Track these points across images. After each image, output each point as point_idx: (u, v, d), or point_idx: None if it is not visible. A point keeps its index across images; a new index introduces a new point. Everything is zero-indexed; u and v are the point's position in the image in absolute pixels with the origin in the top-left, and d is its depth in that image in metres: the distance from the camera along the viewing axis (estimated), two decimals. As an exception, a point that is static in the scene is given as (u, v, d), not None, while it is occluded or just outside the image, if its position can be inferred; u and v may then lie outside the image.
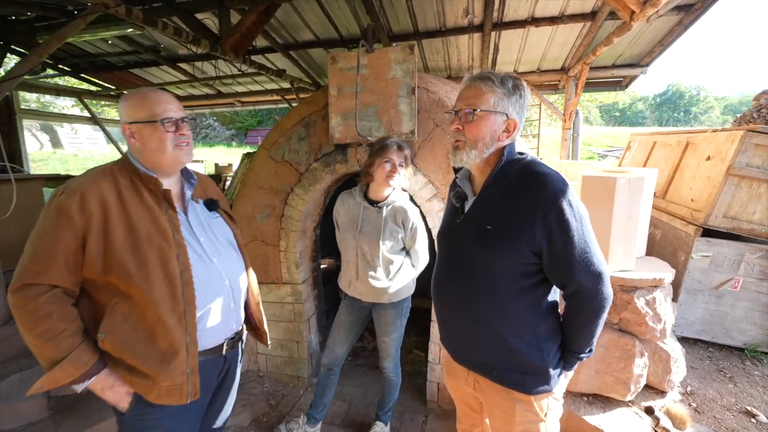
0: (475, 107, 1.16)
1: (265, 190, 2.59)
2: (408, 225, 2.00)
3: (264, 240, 2.66)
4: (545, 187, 1.09)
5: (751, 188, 2.32)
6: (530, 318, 1.19)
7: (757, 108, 6.52)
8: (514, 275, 1.16)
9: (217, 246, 1.36)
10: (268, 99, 7.43)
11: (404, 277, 2.08)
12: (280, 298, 2.72)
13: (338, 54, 2.29)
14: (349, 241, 2.03)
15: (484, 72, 1.20)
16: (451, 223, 1.34)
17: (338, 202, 2.10)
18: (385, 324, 2.12)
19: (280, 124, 2.55)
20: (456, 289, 1.26)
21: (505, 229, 1.13)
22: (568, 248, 1.08)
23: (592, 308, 1.14)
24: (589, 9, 4.28)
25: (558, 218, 1.07)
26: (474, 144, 1.19)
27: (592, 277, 1.10)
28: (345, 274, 2.11)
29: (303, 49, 5.04)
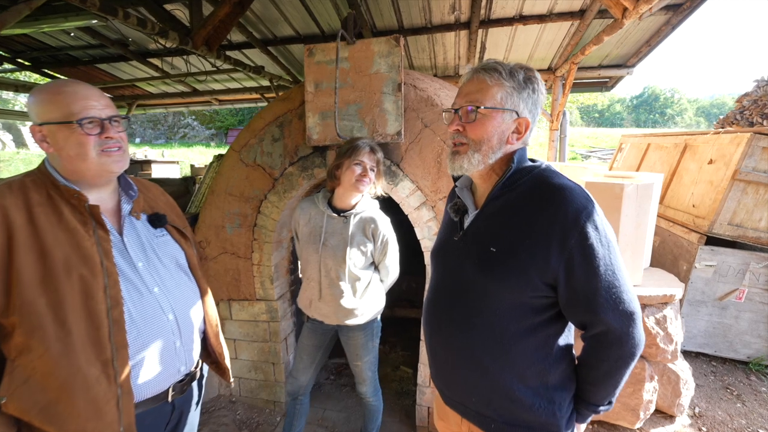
0: (478, 104, 0.96)
1: (236, 197, 2.33)
2: (378, 237, 1.78)
3: (235, 252, 2.40)
4: (565, 203, 0.88)
5: (757, 194, 2.20)
6: (540, 363, 0.98)
7: (740, 109, 6.61)
8: (522, 310, 0.95)
9: (160, 272, 1.11)
10: (247, 97, 7.11)
11: (373, 295, 1.86)
12: (253, 316, 2.47)
13: (315, 46, 2.06)
14: (310, 255, 1.78)
15: (490, 62, 0.98)
16: (447, 239, 1.13)
17: (297, 211, 1.85)
18: (355, 348, 1.90)
19: (251, 123, 2.30)
20: (451, 321, 1.05)
21: (512, 253, 0.92)
22: (592, 281, 0.87)
23: (621, 355, 0.93)
24: (578, 7, 4.17)
25: (580, 243, 0.86)
26: (478, 147, 0.98)
27: (622, 317, 0.89)
28: (306, 292, 1.86)
29: (282, 45, 4.77)
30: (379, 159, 1.71)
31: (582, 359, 1.00)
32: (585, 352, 0.99)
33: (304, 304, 1.89)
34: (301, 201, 1.87)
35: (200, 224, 2.42)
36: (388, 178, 2.08)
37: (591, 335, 0.94)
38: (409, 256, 3.15)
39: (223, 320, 2.51)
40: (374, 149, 1.71)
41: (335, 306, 1.77)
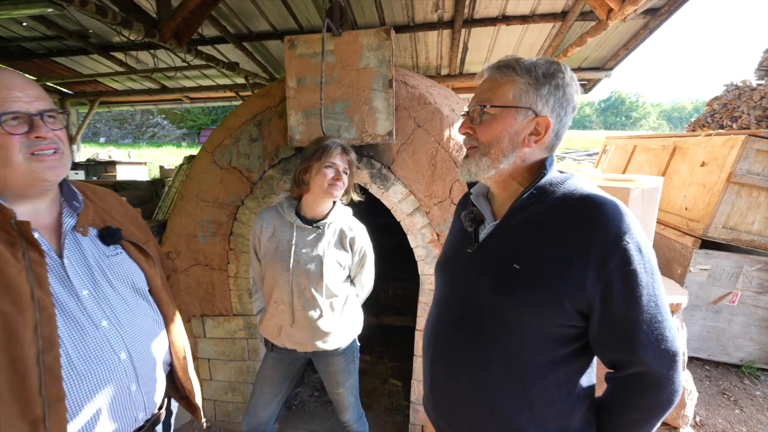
0: (487, 103, 0.86)
1: (209, 203, 2.11)
2: (356, 248, 1.60)
3: (209, 264, 2.17)
4: (606, 220, 0.75)
5: (750, 197, 2.19)
6: (561, 402, 0.84)
7: (710, 113, 6.86)
8: (546, 340, 0.82)
9: (111, 300, 0.91)
10: (221, 95, 6.79)
11: (352, 313, 1.68)
12: (230, 333, 2.25)
13: (297, 37, 1.87)
14: (279, 274, 1.53)
15: (506, 58, 0.87)
16: (458, 252, 0.99)
17: (258, 224, 1.59)
18: (335, 374, 1.68)
19: (226, 122, 2.09)
20: (460, 348, 0.91)
21: (540, 272, 0.79)
22: (632, 312, 0.75)
23: (657, 403, 0.79)
24: (560, 8, 4.15)
25: (622, 268, 0.74)
26: (486, 149, 0.87)
27: (663, 357, 0.76)
28: (273, 318, 1.59)
29: (258, 41, 4.53)
30: (351, 160, 1.52)
31: (606, 403, 0.86)
32: (611, 395, 0.85)
33: (271, 332, 1.62)
34: (260, 213, 1.61)
35: (169, 233, 2.18)
36: (379, 181, 1.92)
37: (623, 376, 0.81)
38: (392, 262, 3.01)
39: (196, 338, 2.28)
40: (346, 149, 1.52)
41: (311, 330, 1.55)
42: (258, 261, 1.64)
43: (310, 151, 1.50)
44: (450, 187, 1.87)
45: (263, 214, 1.60)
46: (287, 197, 1.61)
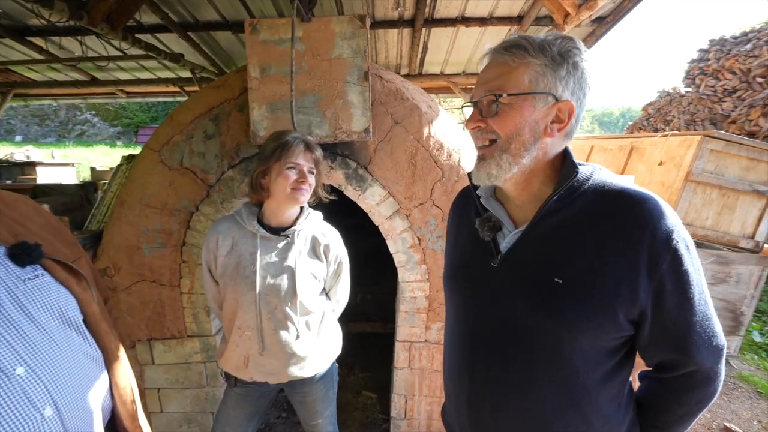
0: (500, 91, 0.73)
1: (156, 209, 1.82)
2: (331, 257, 1.42)
3: (157, 280, 1.88)
4: (652, 218, 0.67)
5: (705, 194, 2.34)
6: (614, 416, 0.77)
7: (646, 117, 7.50)
8: (598, 355, 0.74)
9: (30, 338, 0.68)
10: (163, 90, 6.21)
11: (330, 331, 1.48)
12: (184, 357, 1.97)
13: (260, 21, 1.67)
14: (243, 295, 1.30)
15: (514, 37, 0.75)
16: (477, 265, 0.85)
17: (212, 237, 1.34)
18: (312, 404, 1.48)
19: (175, 116, 1.82)
20: (504, 378, 0.79)
21: (587, 285, 0.70)
22: (686, 314, 0.69)
23: (704, 397, 0.77)
24: (516, 12, 4.25)
25: (674, 268, 0.67)
26: (505, 145, 0.75)
27: (713, 354, 0.73)
28: (237, 349, 1.35)
29: (205, 31, 4.16)
30: (317, 158, 1.32)
31: (650, 401, 0.82)
32: (656, 394, 0.81)
33: (236, 364, 1.37)
34: (214, 224, 1.37)
35: (106, 245, 1.86)
36: (355, 182, 1.76)
37: (672, 376, 0.76)
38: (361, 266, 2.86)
39: (142, 366, 1.97)
40: (310, 145, 1.30)
41: (285, 357, 1.34)
42: (214, 282, 1.39)
43: (268, 150, 1.27)
44: (431, 187, 1.76)
45: (218, 225, 1.36)
46: (246, 204, 1.38)
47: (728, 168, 2.40)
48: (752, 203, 2.46)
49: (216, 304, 1.44)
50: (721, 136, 2.36)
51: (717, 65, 7.17)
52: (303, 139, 1.29)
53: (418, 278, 1.83)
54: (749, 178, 2.44)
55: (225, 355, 1.39)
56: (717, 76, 7.16)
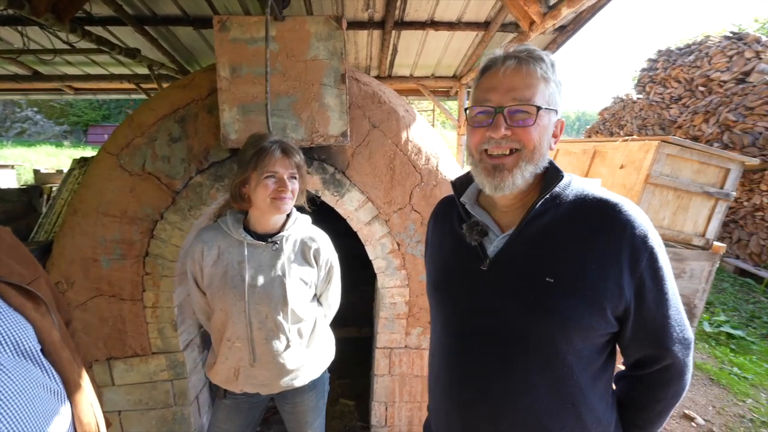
0: (535, 103, 0.74)
1: (114, 217, 1.68)
2: (322, 261, 1.38)
3: (116, 294, 1.74)
4: (631, 220, 0.73)
5: (662, 195, 2.49)
6: (604, 416, 0.80)
7: (602, 121, 7.94)
8: (589, 353, 0.76)
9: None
10: (116, 87, 5.82)
11: (322, 338, 1.45)
12: (148, 376, 1.83)
13: (230, 18, 1.58)
14: (232, 305, 1.26)
15: (532, 48, 0.77)
16: (464, 270, 0.86)
17: (198, 247, 1.29)
18: (303, 414, 1.44)
19: (136, 117, 1.69)
20: (501, 384, 0.79)
21: (578, 283, 0.73)
22: (663, 308, 0.74)
23: (677, 390, 0.81)
24: (483, 18, 4.35)
25: (651, 266, 0.72)
26: (531, 156, 0.77)
27: (685, 346, 0.78)
28: (227, 361, 1.31)
29: (164, 26, 3.93)
30: (298, 162, 1.26)
31: (629, 401, 0.85)
32: (634, 392, 0.84)
33: (226, 377, 1.32)
34: (198, 234, 1.31)
35: (56, 258, 1.69)
36: (333, 188, 1.71)
37: (648, 373, 0.80)
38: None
39: (101, 387, 1.81)
40: (288, 150, 1.23)
41: (277, 367, 1.30)
42: (201, 293, 1.34)
43: (245, 158, 1.22)
44: (410, 192, 1.75)
45: (202, 234, 1.30)
46: (230, 211, 1.32)
47: (682, 171, 2.59)
48: (703, 204, 2.66)
49: (204, 315, 1.39)
50: (675, 142, 2.54)
51: (664, 74, 7.73)
52: (280, 144, 1.23)
53: (398, 284, 1.81)
54: (700, 180, 2.64)
55: (214, 368, 1.34)
56: (664, 84, 7.72)
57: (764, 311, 4.40)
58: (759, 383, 3.00)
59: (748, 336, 3.79)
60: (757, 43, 6.64)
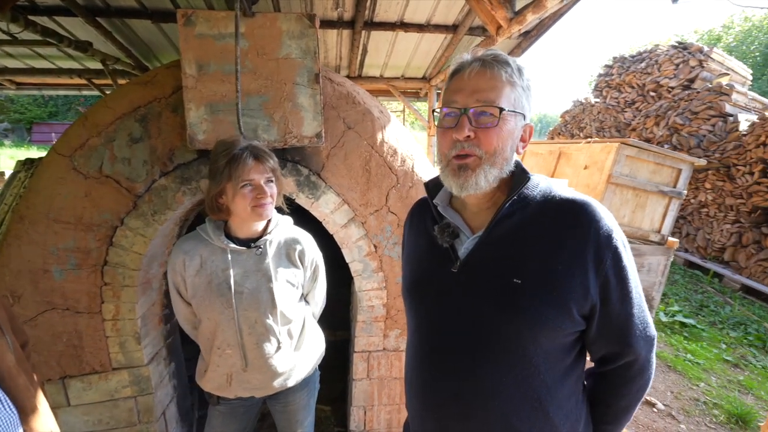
0: (498, 105, 0.75)
1: (68, 224, 1.55)
2: (307, 261, 1.39)
3: (70, 307, 1.61)
4: (595, 220, 0.75)
5: (622, 194, 2.63)
6: (573, 413, 0.82)
7: (564, 123, 8.29)
8: (556, 352, 0.78)
9: None
10: (65, 82, 5.43)
11: (312, 337, 1.47)
12: (109, 394, 1.71)
13: (195, 12, 1.50)
14: (220, 313, 1.25)
15: (498, 53, 0.78)
16: (436, 272, 0.87)
17: (179, 258, 1.27)
18: (294, 414, 1.46)
19: (91, 116, 1.57)
20: (472, 385, 0.80)
21: (544, 283, 0.74)
22: (627, 306, 0.77)
23: (642, 385, 0.84)
24: (452, 22, 4.42)
25: (615, 265, 0.75)
26: (493, 159, 0.77)
27: (647, 342, 0.80)
28: (219, 369, 1.31)
29: (119, 18, 3.69)
30: (273, 166, 1.23)
31: (597, 398, 0.88)
32: (600, 389, 0.87)
33: (218, 384, 1.32)
34: (178, 244, 1.29)
35: (0, 270, 1.54)
36: (307, 190, 1.67)
37: (612, 369, 0.83)
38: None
39: (55, 409, 1.66)
40: (261, 155, 1.20)
41: (270, 370, 1.30)
42: (185, 303, 1.32)
43: (217, 168, 1.18)
44: (386, 194, 1.73)
45: (182, 244, 1.28)
46: (209, 218, 1.29)
47: (640, 171, 2.75)
48: (659, 202, 2.84)
49: (189, 325, 1.38)
50: (634, 144, 2.69)
51: (619, 80, 8.20)
52: (251, 150, 1.19)
53: (375, 286, 1.79)
54: (656, 180, 2.81)
55: (206, 375, 1.33)
56: (619, 89, 8.19)
57: (711, 300, 4.77)
58: (710, 368, 3.24)
59: (698, 324, 4.09)
60: (700, 53, 7.19)
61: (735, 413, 2.63)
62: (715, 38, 18.33)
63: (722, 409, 2.72)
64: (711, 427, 2.56)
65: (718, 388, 2.99)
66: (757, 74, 13.62)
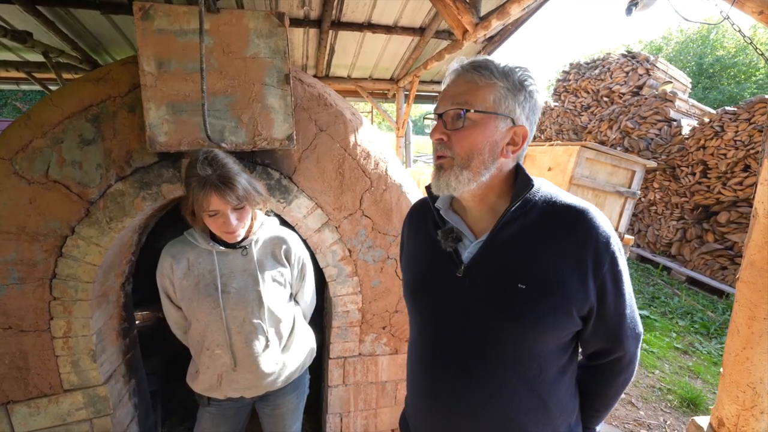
0: (467, 106, 0.76)
1: (9, 234, 1.40)
2: (294, 259, 1.40)
3: (13, 325, 1.45)
4: (594, 226, 0.77)
5: (584, 195, 2.75)
6: (569, 406, 0.86)
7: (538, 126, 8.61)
8: (556, 350, 0.81)
9: None
10: (1, 75, 4.97)
11: (302, 336, 1.47)
12: (60, 419, 1.57)
13: (154, 5, 1.40)
14: (206, 314, 1.25)
15: (479, 58, 0.79)
16: (440, 276, 0.87)
17: (165, 261, 1.28)
18: (282, 417, 1.45)
19: (35, 115, 1.43)
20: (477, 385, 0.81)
21: (548, 288, 0.76)
22: (620, 307, 0.80)
23: (627, 377, 0.90)
24: (419, 24, 4.47)
25: (612, 269, 0.77)
26: (466, 162, 0.78)
27: (637, 339, 0.86)
28: (209, 370, 1.31)
29: (63, 8, 3.40)
30: (240, 195, 1.15)
31: (586, 388, 0.92)
32: (590, 381, 0.92)
33: (209, 384, 1.32)
34: (166, 248, 1.30)
35: (-74, 287, 1.37)
36: (279, 194, 1.61)
37: (603, 362, 0.88)
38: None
39: (-5, 440, 1.50)
40: (222, 188, 1.11)
41: (259, 369, 1.30)
42: (175, 307, 1.33)
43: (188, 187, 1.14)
44: (360, 197, 1.71)
45: (170, 248, 1.30)
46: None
47: (599, 173, 2.90)
48: (616, 202, 3.00)
49: (180, 330, 1.37)
50: (593, 147, 2.84)
51: (576, 85, 8.63)
52: (213, 183, 1.10)
53: (350, 291, 1.76)
54: (613, 181, 2.98)
55: (197, 379, 1.33)
56: (576, 94, 8.62)
57: (661, 292, 5.12)
58: (663, 356, 3.47)
59: (651, 315, 4.37)
60: (647, 62, 7.72)
61: (687, 397, 2.83)
62: (656, 48, 19.74)
63: (675, 394, 2.92)
64: (666, 412, 2.74)
65: (671, 374, 3.21)
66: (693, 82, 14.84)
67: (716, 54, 16.94)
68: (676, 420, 2.67)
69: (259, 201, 1.24)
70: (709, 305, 4.70)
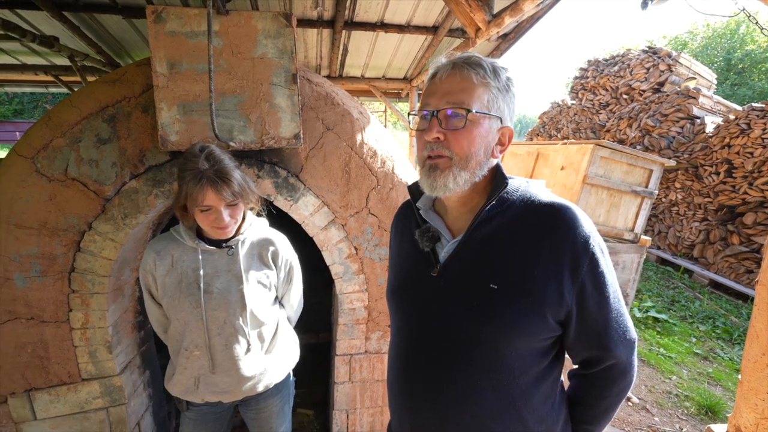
0: (466, 107, 0.74)
1: (31, 229, 1.48)
2: (281, 262, 1.37)
3: (35, 316, 1.53)
4: (573, 225, 0.74)
5: (597, 194, 2.70)
6: (549, 416, 0.82)
7: (542, 124, 8.46)
8: (531, 357, 0.78)
9: None
10: (30, 78, 5.18)
11: (285, 341, 1.45)
12: (79, 406, 1.63)
13: (166, 8, 1.45)
14: (187, 313, 1.22)
15: (471, 55, 0.78)
16: (418, 276, 0.86)
17: (148, 257, 1.25)
18: (268, 419, 1.43)
19: (55, 115, 1.49)
20: (447, 383, 0.80)
21: (520, 289, 0.74)
22: (604, 312, 0.76)
23: (623, 388, 0.84)
24: (432, 23, 4.45)
25: (592, 270, 0.74)
26: (465, 162, 0.77)
27: (627, 346, 0.80)
28: (186, 372, 1.27)
29: (88, 13, 3.54)
30: (234, 191, 1.15)
31: (577, 398, 0.88)
32: (581, 391, 0.87)
33: (185, 387, 1.28)
34: (150, 244, 1.28)
35: (-44, 279, 1.45)
36: (286, 192, 1.64)
37: (594, 372, 0.83)
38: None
39: (18, 424, 1.58)
40: (218, 184, 1.11)
41: (238, 373, 1.27)
42: (157, 305, 1.31)
43: (182, 181, 1.13)
44: (366, 196, 1.72)
45: (154, 244, 1.27)
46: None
47: (614, 172, 2.83)
48: (632, 202, 2.93)
49: (161, 327, 1.36)
50: (607, 145, 2.77)
51: (594, 82, 8.43)
52: (210, 177, 1.11)
53: (356, 289, 1.78)
54: (629, 180, 2.90)
55: (173, 379, 1.29)
56: (594, 91, 8.42)
57: (682, 295, 4.96)
58: (681, 361, 3.37)
59: (670, 319, 4.24)
60: (669, 57, 7.48)
61: (705, 405, 2.74)
62: (681, 44, 19.11)
63: (693, 401, 2.83)
64: (683, 419, 2.66)
65: (689, 380, 3.11)
66: (721, 78, 14.31)
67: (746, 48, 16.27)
68: (693, 428, 2.59)
69: (252, 199, 1.24)
70: (733, 310, 4.52)
